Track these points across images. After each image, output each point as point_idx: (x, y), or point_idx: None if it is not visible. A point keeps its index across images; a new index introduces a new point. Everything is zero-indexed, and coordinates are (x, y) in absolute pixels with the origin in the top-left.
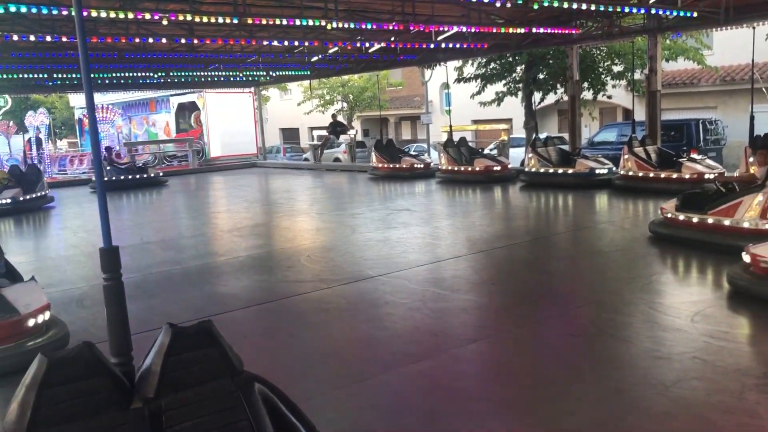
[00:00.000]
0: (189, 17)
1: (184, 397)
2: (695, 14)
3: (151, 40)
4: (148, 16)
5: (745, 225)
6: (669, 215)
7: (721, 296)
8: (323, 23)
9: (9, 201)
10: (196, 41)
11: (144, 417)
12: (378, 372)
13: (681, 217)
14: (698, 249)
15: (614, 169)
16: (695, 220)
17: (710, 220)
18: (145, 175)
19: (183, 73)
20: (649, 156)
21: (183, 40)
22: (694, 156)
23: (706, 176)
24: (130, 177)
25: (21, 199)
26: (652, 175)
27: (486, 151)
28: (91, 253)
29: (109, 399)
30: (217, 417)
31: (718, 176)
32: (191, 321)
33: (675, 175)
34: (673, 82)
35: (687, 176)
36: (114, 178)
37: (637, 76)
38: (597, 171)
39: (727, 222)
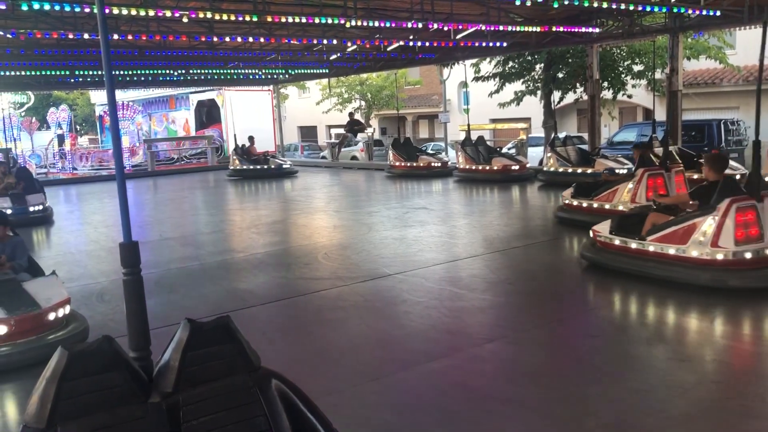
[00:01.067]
0: (209, 15)
1: (202, 392)
2: (718, 13)
3: (171, 38)
4: (168, 13)
5: (620, 207)
6: (566, 201)
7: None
8: (342, 21)
9: (41, 208)
10: (215, 39)
11: (162, 411)
12: (395, 370)
13: (575, 202)
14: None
15: (634, 169)
16: (584, 204)
17: (595, 205)
18: (272, 166)
19: (203, 71)
20: None
21: (203, 38)
22: None
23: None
24: (257, 167)
25: (47, 205)
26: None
27: (504, 150)
28: (111, 248)
29: (127, 393)
30: (234, 412)
31: (606, 172)
32: (209, 317)
33: (696, 176)
34: (695, 81)
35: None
36: (244, 167)
37: (658, 75)
38: (616, 171)
39: (606, 206)
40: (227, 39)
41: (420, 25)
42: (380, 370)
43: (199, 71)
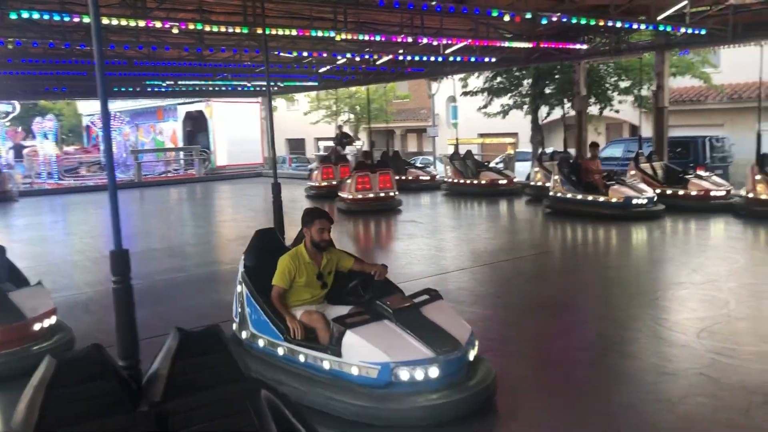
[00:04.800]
0: (199, 26)
1: (191, 402)
2: (704, 32)
3: (160, 49)
4: (158, 24)
5: (314, 184)
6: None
7: None
8: (332, 34)
9: None
10: (205, 51)
11: (150, 420)
12: None
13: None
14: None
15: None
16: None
17: (320, 184)
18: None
19: (191, 82)
20: (656, 172)
21: (192, 49)
22: (701, 173)
23: (713, 193)
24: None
25: None
26: (658, 191)
27: (492, 165)
28: (97, 258)
29: (116, 401)
30: (224, 422)
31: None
32: (197, 328)
33: (681, 192)
34: (681, 99)
35: (693, 193)
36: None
37: (645, 92)
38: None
39: (314, 183)
40: (217, 51)
41: (409, 40)
42: None
43: (188, 82)
